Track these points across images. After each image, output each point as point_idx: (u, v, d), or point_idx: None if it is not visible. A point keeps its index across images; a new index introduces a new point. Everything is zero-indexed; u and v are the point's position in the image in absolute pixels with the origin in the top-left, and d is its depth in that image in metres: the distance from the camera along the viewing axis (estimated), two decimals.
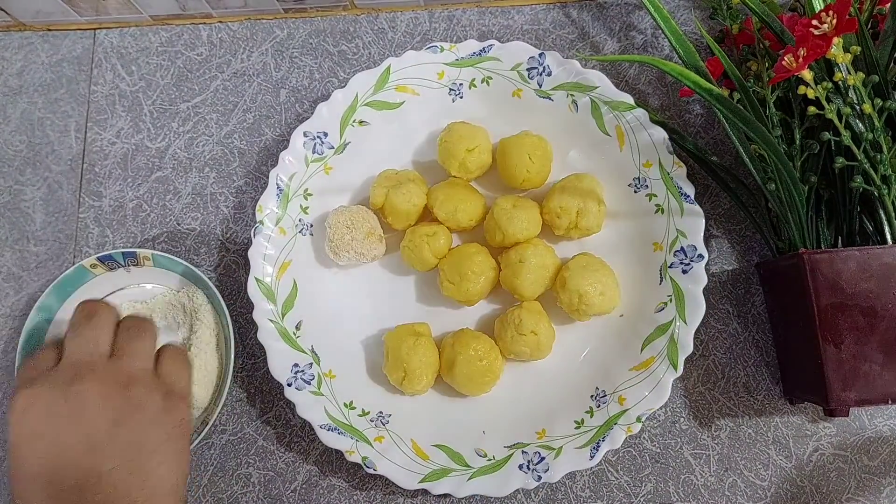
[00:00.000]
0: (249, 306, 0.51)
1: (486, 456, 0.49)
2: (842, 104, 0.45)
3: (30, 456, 0.40)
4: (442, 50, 0.55)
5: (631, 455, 0.52)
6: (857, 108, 0.45)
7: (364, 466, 0.48)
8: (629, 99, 0.52)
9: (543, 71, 0.54)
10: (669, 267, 0.50)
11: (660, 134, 0.51)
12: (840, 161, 0.45)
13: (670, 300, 0.50)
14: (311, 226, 0.54)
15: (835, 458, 0.51)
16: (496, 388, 0.51)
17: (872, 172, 0.44)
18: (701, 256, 0.49)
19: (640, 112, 0.52)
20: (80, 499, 0.39)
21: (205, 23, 0.63)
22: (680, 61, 0.51)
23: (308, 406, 0.50)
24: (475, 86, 0.55)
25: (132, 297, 0.55)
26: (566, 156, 0.55)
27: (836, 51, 0.43)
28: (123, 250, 0.53)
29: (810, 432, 0.52)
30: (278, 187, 0.53)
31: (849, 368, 0.44)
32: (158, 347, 0.45)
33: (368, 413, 0.51)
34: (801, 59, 0.43)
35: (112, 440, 0.40)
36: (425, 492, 0.48)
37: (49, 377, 0.42)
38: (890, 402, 0.44)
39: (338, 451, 0.49)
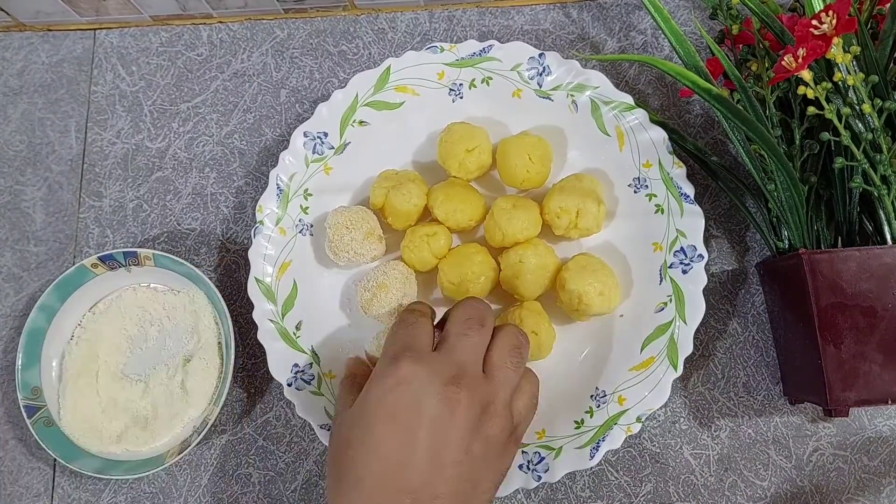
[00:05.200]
0: (249, 306, 0.51)
1: None
2: (841, 104, 0.45)
3: (383, 435, 0.37)
4: (442, 50, 0.55)
5: (631, 455, 0.52)
6: (857, 108, 0.45)
7: None
8: (629, 99, 0.52)
9: (543, 71, 0.54)
10: (669, 267, 0.50)
11: (660, 134, 0.51)
12: (840, 161, 0.45)
13: (670, 300, 0.50)
14: (311, 226, 0.54)
15: (835, 458, 0.51)
16: None
17: (872, 172, 0.44)
18: (701, 256, 0.49)
19: (640, 112, 0.52)
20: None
21: (205, 23, 0.63)
22: (680, 61, 0.51)
23: (308, 406, 0.50)
24: (475, 86, 0.55)
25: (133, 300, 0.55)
26: (566, 156, 0.55)
27: (836, 51, 0.43)
28: (124, 250, 0.53)
29: (810, 432, 0.52)
30: (278, 187, 0.53)
31: (849, 368, 0.44)
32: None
33: None
34: (800, 60, 0.43)
35: (454, 466, 0.37)
36: None
37: (434, 363, 0.39)
38: (890, 402, 0.44)
39: None
